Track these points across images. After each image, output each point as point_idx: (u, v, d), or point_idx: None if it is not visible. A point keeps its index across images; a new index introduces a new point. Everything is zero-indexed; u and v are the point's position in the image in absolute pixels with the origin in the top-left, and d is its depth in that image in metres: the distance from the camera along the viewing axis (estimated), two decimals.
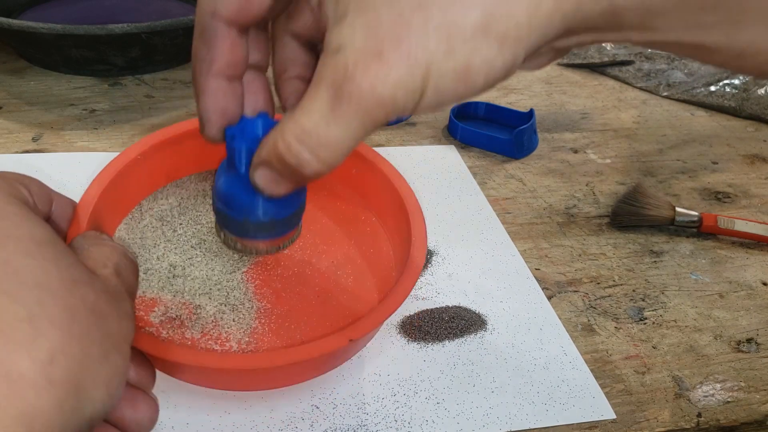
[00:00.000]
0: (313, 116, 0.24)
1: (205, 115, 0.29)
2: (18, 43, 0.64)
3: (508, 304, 0.43)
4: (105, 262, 0.26)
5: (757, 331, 0.43)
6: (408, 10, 0.22)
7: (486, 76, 0.23)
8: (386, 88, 0.22)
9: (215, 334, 0.36)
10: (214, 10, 0.26)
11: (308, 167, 0.25)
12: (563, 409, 0.37)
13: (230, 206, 0.32)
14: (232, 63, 0.28)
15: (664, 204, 0.51)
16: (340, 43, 0.23)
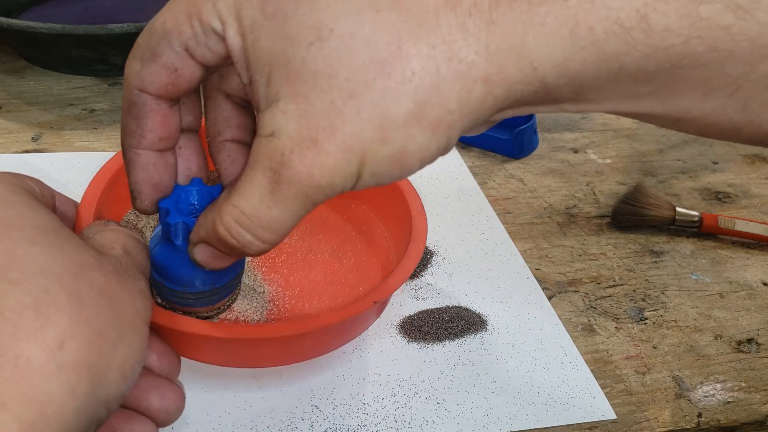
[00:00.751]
0: (252, 200, 0.24)
1: (136, 189, 0.28)
2: (18, 43, 0.64)
3: (508, 304, 0.43)
4: (113, 244, 0.26)
5: (757, 332, 0.43)
6: (340, 100, 0.22)
7: (421, 160, 0.23)
8: (323, 175, 0.23)
9: (232, 318, 0.36)
10: (141, 85, 0.26)
11: (251, 248, 0.25)
12: (563, 409, 0.36)
13: (167, 278, 0.31)
14: (163, 136, 0.27)
15: (664, 204, 0.51)
16: (273, 129, 0.23)
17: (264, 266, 0.39)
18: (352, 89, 0.22)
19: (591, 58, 0.22)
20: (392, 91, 0.22)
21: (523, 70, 0.22)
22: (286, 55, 0.22)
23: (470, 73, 0.22)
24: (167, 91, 0.26)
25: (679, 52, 0.21)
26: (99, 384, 0.21)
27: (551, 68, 0.22)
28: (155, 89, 0.26)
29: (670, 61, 0.22)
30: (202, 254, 0.28)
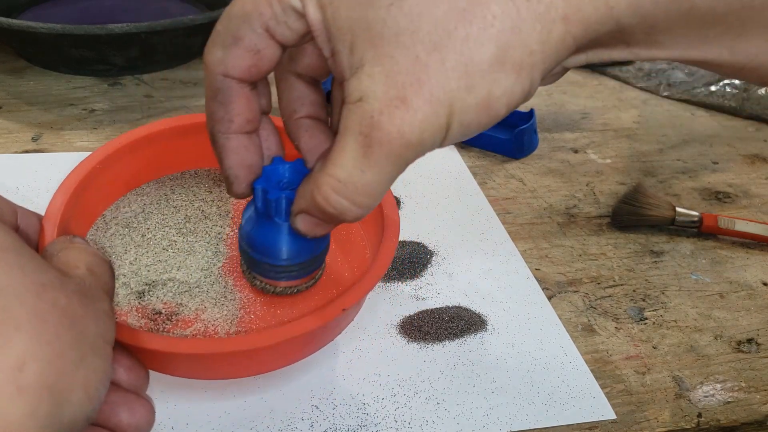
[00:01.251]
0: (345, 167, 0.25)
1: (232, 174, 0.29)
2: (18, 43, 0.64)
3: (508, 304, 0.43)
4: (76, 263, 0.26)
5: (757, 332, 0.43)
6: (424, 54, 0.22)
7: (507, 105, 0.24)
8: (414, 131, 0.23)
9: (201, 329, 0.35)
10: (225, 71, 0.27)
11: (349, 214, 0.26)
12: (563, 409, 0.36)
13: (269, 255, 0.33)
14: (250, 119, 0.28)
15: (664, 204, 0.51)
16: (361, 94, 0.23)
17: (235, 272, 0.39)
18: (435, 41, 0.22)
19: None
20: (474, 38, 0.22)
21: (599, 9, 0.22)
22: (367, 20, 0.23)
23: (549, 13, 0.22)
24: (250, 74, 0.27)
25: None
26: (61, 406, 0.21)
27: (625, 6, 0.22)
28: (239, 73, 0.26)
29: (741, 2, 0.22)
30: (303, 224, 0.28)
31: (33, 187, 0.48)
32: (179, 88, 0.64)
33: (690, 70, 0.74)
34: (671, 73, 0.74)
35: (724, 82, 0.72)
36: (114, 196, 0.42)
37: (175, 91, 0.63)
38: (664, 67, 0.75)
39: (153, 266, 0.38)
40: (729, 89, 0.71)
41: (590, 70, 0.75)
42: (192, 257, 0.39)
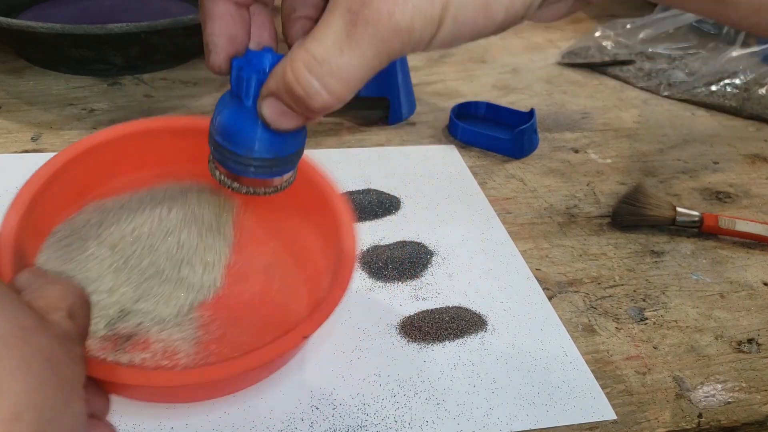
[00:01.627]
0: (325, 43, 0.23)
1: (212, 41, 0.28)
2: (17, 43, 0.64)
3: (508, 304, 0.43)
4: (58, 303, 0.25)
5: (758, 332, 0.43)
6: None
7: (506, 10, 0.22)
8: (405, 15, 0.22)
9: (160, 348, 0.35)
10: None
11: (317, 98, 0.24)
12: (564, 409, 0.36)
13: (231, 140, 0.30)
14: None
15: (665, 204, 0.51)
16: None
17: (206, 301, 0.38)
18: None
19: None
20: None
21: None
22: None
23: None
24: None
25: None
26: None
27: None
28: None
29: None
30: (269, 109, 0.26)
31: None
32: (179, 88, 0.64)
33: (690, 70, 0.74)
34: (672, 73, 0.74)
35: (724, 81, 0.72)
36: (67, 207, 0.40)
37: (175, 91, 0.63)
38: (664, 67, 0.75)
39: (130, 295, 0.36)
40: (729, 89, 0.71)
41: (590, 70, 0.75)
42: (175, 291, 0.37)
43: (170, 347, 0.35)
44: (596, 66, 0.75)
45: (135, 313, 0.35)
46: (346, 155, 0.56)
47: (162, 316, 0.36)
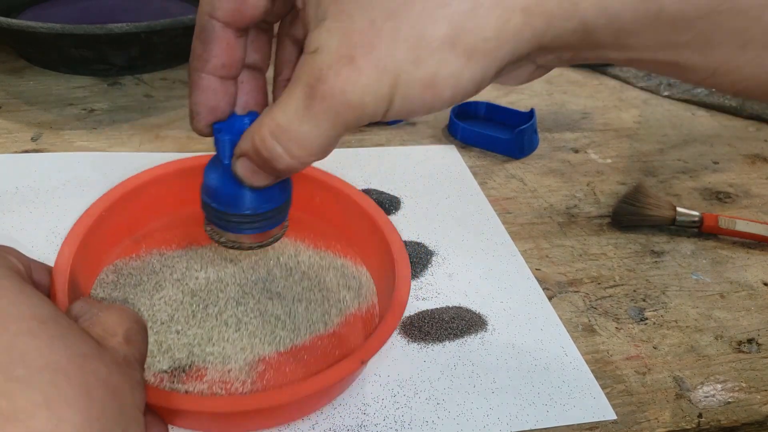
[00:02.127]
0: (287, 113, 0.25)
1: (194, 109, 0.30)
2: (17, 43, 0.64)
3: (508, 304, 0.43)
4: (114, 329, 0.25)
5: (758, 332, 0.43)
6: (380, 19, 0.22)
7: (453, 89, 0.23)
8: (355, 93, 0.23)
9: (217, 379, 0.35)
10: (211, 10, 0.27)
11: (281, 161, 0.26)
12: (564, 409, 0.36)
13: (215, 198, 0.33)
14: (226, 64, 0.29)
15: (665, 204, 0.51)
16: (317, 45, 0.23)
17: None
18: (392, 9, 0.22)
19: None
20: (429, 14, 0.22)
21: (563, 4, 0.22)
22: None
23: (509, 2, 0.22)
24: (233, 18, 0.27)
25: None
26: None
27: (591, 6, 0.22)
28: (223, 15, 0.27)
29: (710, 6, 0.21)
30: (241, 167, 0.29)
31: (32, 188, 0.48)
32: (179, 87, 0.64)
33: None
34: None
35: None
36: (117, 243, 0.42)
37: (175, 91, 0.63)
38: None
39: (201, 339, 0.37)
40: None
41: (591, 70, 0.75)
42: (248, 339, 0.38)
43: (227, 378, 0.35)
44: (596, 66, 0.75)
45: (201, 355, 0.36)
46: (346, 155, 0.56)
47: (227, 354, 0.36)
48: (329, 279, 0.42)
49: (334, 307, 0.40)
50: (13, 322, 0.21)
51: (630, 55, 0.24)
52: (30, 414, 0.19)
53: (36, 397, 0.19)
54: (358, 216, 0.42)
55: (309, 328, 0.38)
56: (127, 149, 0.54)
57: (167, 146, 0.55)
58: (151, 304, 0.38)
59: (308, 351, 0.37)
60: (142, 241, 0.42)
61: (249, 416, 0.33)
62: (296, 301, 0.40)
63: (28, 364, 0.20)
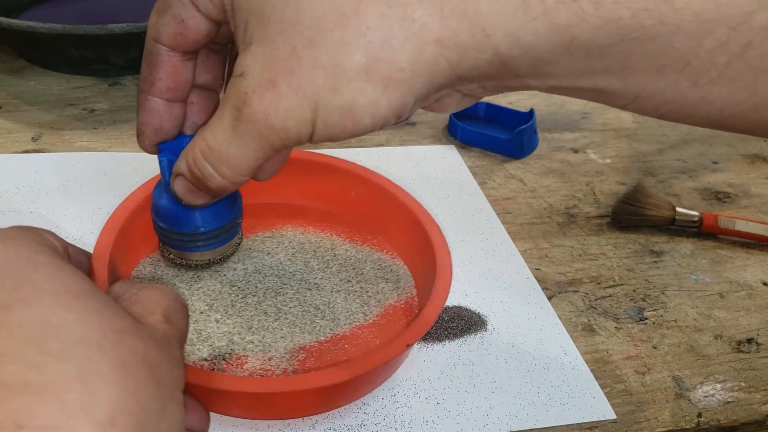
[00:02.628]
0: (216, 134, 0.26)
1: (140, 128, 0.31)
2: (18, 43, 0.64)
3: (508, 304, 0.43)
4: (154, 307, 0.25)
5: (757, 331, 0.43)
6: (300, 46, 0.23)
7: (372, 116, 0.24)
8: (278, 116, 0.24)
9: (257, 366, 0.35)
10: (155, 35, 0.28)
11: (212, 181, 0.27)
12: (563, 409, 0.36)
13: (159, 216, 0.34)
14: (171, 87, 0.29)
15: (664, 204, 0.51)
16: (243, 69, 0.24)
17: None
18: (312, 37, 0.23)
19: (543, 29, 0.22)
20: (346, 44, 0.23)
21: (475, 36, 0.22)
22: (261, 3, 0.24)
23: (422, 34, 0.22)
24: (177, 42, 0.28)
25: (628, 25, 0.21)
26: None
27: (503, 37, 0.22)
28: (166, 39, 0.28)
29: (620, 34, 0.22)
30: (178, 187, 0.30)
31: (33, 188, 0.48)
32: None
33: None
34: None
35: None
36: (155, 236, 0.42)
37: None
38: None
39: (241, 328, 0.37)
40: None
41: None
42: (288, 328, 0.38)
43: (267, 366, 0.35)
44: None
45: (241, 344, 0.36)
46: (346, 155, 0.55)
47: (267, 343, 0.37)
48: (367, 271, 0.42)
49: (373, 298, 0.40)
50: (47, 296, 0.21)
51: (551, 83, 0.24)
52: (63, 387, 0.19)
53: (70, 370, 0.19)
54: (395, 209, 0.43)
55: (348, 318, 0.39)
56: (127, 149, 0.54)
57: None
58: (190, 294, 0.39)
59: (348, 340, 0.37)
60: None
61: (292, 399, 0.33)
62: (334, 292, 0.40)
63: (62, 337, 0.20)
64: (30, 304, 0.20)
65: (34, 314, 0.20)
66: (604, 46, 0.22)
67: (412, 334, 0.33)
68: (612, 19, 0.21)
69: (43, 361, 0.19)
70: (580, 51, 0.22)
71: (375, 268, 0.42)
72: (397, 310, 0.40)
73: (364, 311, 0.39)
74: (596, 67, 0.23)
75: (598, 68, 0.23)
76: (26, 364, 0.19)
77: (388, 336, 0.38)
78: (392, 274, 0.42)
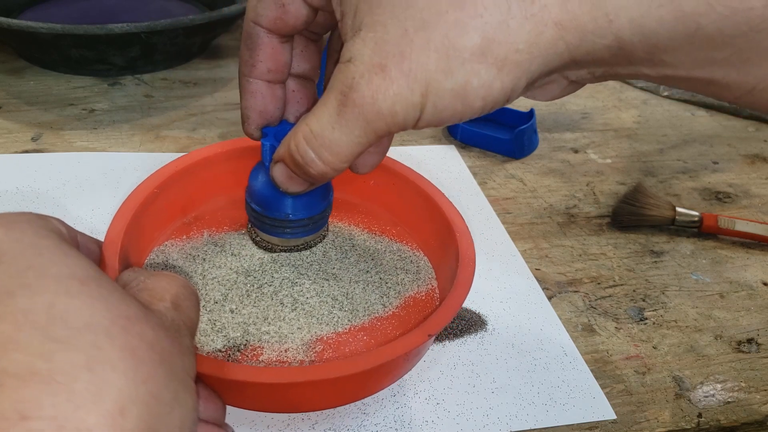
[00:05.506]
0: (321, 120, 0.26)
1: (245, 113, 0.31)
2: (17, 43, 0.64)
3: (508, 304, 0.43)
4: (162, 294, 0.24)
5: (757, 332, 0.43)
6: (412, 29, 0.23)
7: (484, 99, 0.24)
8: (386, 101, 0.24)
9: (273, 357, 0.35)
10: (255, 18, 0.29)
11: (313, 167, 0.27)
12: (563, 409, 0.36)
13: (254, 199, 0.34)
14: (272, 68, 0.30)
15: (664, 204, 0.51)
16: (351, 55, 0.24)
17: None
18: (425, 19, 0.23)
19: (668, 17, 0.21)
20: (462, 24, 0.22)
21: (597, 20, 0.22)
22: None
23: (542, 16, 0.22)
24: (276, 26, 0.28)
25: (759, 15, 0.21)
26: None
27: (627, 23, 0.22)
28: (266, 22, 0.28)
29: (749, 25, 0.21)
30: (278, 173, 0.30)
31: (33, 188, 0.48)
32: (179, 88, 0.64)
33: None
34: None
35: None
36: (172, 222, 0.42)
37: (175, 91, 0.63)
38: None
39: (257, 319, 0.37)
40: None
41: None
42: (305, 319, 0.37)
43: (284, 357, 0.35)
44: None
45: (257, 334, 0.36)
46: None
47: (284, 334, 0.36)
48: (386, 262, 0.42)
49: (393, 289, 0.40)
50: (52, 282, 0.20)
51: (665, 72, 0.24)
52: (71, 376, 0.18)
53: (77, 358, 0.18)
54: (416, 199, 0.42)
55: (367, 309, 0.38)
56: (127, 149, 0.54)
57: (167, 146, 0.55)
58: (204, 283, 0.38)
59: (367, 332, 0.37)
60: (193, 223, 0.43)
61: (310, 390, 0.32)
62: (353, 282, 0.39)
63: (69, 324, 0.19)
64: (34, 290, 0.19)
65: (38, 300, 0.19)
66: (730, 37, 0.21)
67: (433, 325, 0.32)
68: (742, 9, 0.21)
69: (49, 348, 0.18)
70: (703, 41, 0.22)
71: (394, 259, 0.42)
72: (417, 302, 0.39)
73: (383, 302, 0.39)
74: (716, 57, 0.22)
75: (717, 58, 0.22)
76: (31, 352, 0.18)
77: (408, 327, 0.37)
78: (412, 266, 0.41)
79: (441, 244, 0.40)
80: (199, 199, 0.43)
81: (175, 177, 0.41)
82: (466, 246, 0.38)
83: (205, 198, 0.43)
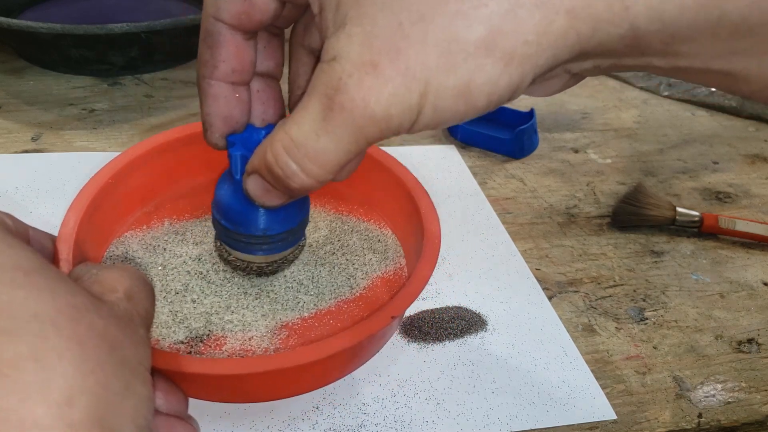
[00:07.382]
0: (303, 127, 0.23)
1: (207, 120, 0.28)
2: (17, 43, 0.64)
3: (508, 304, 0.43)
4: (114, 285, 0.23)
5: (758, 332, 0.43)
6: (408, 22, 0.20)
7: (488, 96, 0.21)
8: (380, 104, 0.21)
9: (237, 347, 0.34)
10: (216, 12, 0.25)
11: (295, 180, 0.24)
12: (564, 409, 0.36)
13: (224, 215, 0.31)
14: (236, 69, 0.27)
15: (664, 204, 0.51)
16: (336, 53, 0.21)
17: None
18: (423, 11, 0.20)
19: (690, 2, 0.20)
20: (464, 15, 0.20)
21: (612, 8, 0.20)
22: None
23: (553, 3, 0.20)
24: (240, 21, 0.25)
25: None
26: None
27: (644, 10, 0.20)
28: (229, 17, 0.25)
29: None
30: (252, 186, 0.27)
31: (33, 187, 0.48)
32: (179, 88, 0.64)
33: None
34: None
35: None
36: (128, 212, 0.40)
37: (175, 91, 0.63)
38: None
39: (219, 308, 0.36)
40: None
41: None
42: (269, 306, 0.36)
43: (248, 346, 0.34)
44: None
45: (219, 324, 0.35)
46: None
47: (247, 322, 0.35)
48: (353, 242, 0.41)
49: (360, 270, 0.39)
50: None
51: (679, 63, 0.22)
52: (16, 367, 0.18)
53: (23, 349, 0.18)
54: (382, 176, 0.41)
55: (333, 292, 0.37)
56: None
57: None
58: (164, 274, 0.37)
59: (334, 315, 0.36)
60: (153, 213, 0.42)
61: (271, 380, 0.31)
62: (318, 265, 0.39)
63: (12, 314, 0.18)
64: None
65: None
66: (755, 25, 0.20)
67: (395, 307, 0.31)
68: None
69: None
70: (725, 29, 0.20)
71: (361, 239, 0.41)
72: (384, 282, 0.38)
73: (350, 284, 0.38)
74: (737, 47, 0.21)
75: (738, 49, 0.21)
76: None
77: (374, 308, 0.36)
78: (380, 245, 0.41)
79: (408, 220, 0.39)
80: (159, 188, 0.42)
81: (131, 166, 0.39)
82: (431, 221, 0.36)
83: (165, 186, 0.42)
